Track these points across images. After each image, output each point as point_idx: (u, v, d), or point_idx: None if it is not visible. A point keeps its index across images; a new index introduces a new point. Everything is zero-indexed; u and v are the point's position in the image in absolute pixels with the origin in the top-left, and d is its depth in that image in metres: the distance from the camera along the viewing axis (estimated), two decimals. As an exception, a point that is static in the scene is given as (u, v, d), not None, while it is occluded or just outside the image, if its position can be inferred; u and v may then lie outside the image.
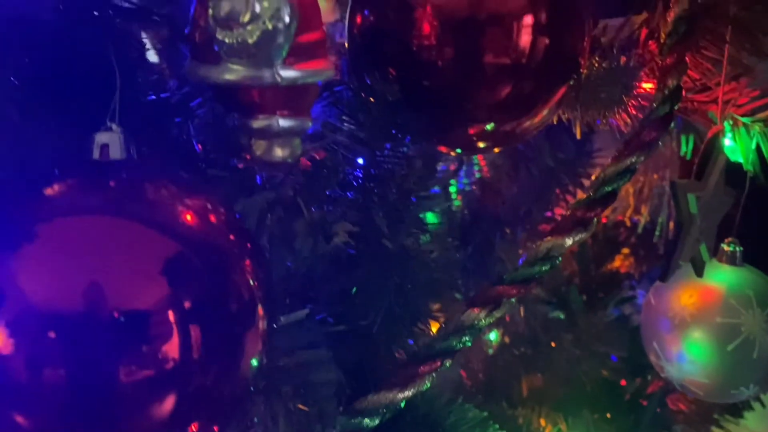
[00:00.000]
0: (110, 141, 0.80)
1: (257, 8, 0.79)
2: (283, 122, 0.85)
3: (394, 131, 1.03)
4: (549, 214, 1.55)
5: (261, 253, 0.82)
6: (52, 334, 0.73)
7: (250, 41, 0.79)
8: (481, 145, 1.14)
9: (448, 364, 1.02)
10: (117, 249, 0.74)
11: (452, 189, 1.52)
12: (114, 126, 0.82)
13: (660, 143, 1.06)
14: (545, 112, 1.08)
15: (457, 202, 1.48)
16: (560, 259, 1.03)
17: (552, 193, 1.52)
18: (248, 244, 0.81)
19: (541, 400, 1.46)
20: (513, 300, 1.03)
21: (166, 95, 0.84)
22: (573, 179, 1.50)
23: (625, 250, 1.61)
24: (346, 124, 0.99)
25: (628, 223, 1.59)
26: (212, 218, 0.79)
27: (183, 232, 0.77)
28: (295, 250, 0.85)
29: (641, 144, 1.07)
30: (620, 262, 1.63)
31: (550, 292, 1.53)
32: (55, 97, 0.82)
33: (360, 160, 1.00)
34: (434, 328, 1.06)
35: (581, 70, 1.08)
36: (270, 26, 0.79)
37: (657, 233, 1.53)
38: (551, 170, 1.49)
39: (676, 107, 1.08)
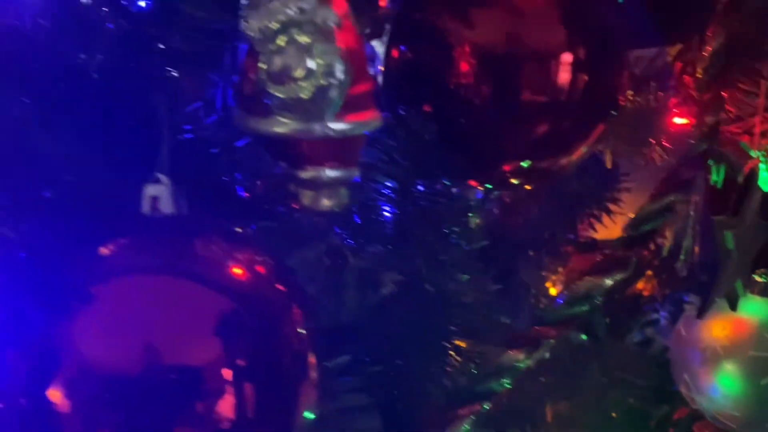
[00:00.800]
0: (160, 193, 0.82)
1: (311, 64, 0.81)
2: (331, 173, 0.87)
3: (430, 169, 1.04)
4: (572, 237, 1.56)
5: (310, 303, 0.84)
6: (108, 394, 0.74)
7: (304, 97, 0.81)
8: (514, 181, 1.15)
9: (486, 407, 1.03)
10: (170, 308, 0.76)
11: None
12: (163, 177, 0.83)
13: (699, 181, 1.08)
14: (583, 149, 1.09)
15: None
16: (600, 299, 1.05)
17: (576, 217, 1.53)
18: (297, 294, 0.83)
19: (565, 426, 1.48)
20: (552, 341, 1.05)
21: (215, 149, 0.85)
22: (599, 204, 1.52)
23: (648, 273, 1.62)
24: (381, 163, 1.01)
25: (652, 246, 1.60)
26: (262, 271, 0.81)
27: (235, 288, 0.79)
28: (343, 299, 0.87)
29: (679, 182, 1.09)
30: (643, 285, 1.65)
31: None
32: (103, 147, 0.84)
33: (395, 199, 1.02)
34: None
35: (619, 106, 1.09)
36: (324, 82, 0.81)
37: (682, 257, 1.54)
38: (576, 194, 1.51)
39: (713, 144, 1.10)
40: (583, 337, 1.53)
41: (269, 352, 0.78)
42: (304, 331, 0.79)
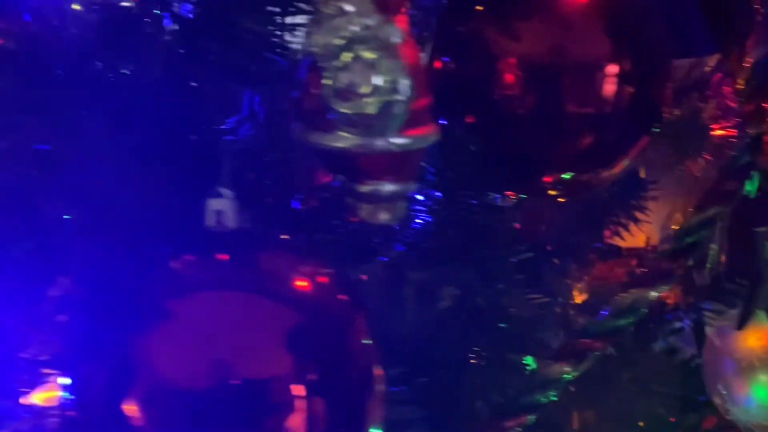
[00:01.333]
0: (224, 208, 0.84)
1: (377, 81, 0.82)
2: (390, 187, 0.89)
3: (474, 180, 1.06)
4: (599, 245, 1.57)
5: (372, 317, 0.85)
6: (180, 407, 0.76)
7: (369, 112, 0.82)
8: (552, 193, 1.17)
9: (532, 420, 1.05)
10: (241, 322, 0.78)
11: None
12: (226, 191, 0.85)
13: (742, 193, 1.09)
14: (625, 162, 1.11)
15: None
16: (645, 311, 1.07)
17: (603, 225, 1.54)
18: (360, 306, 0.85)
19: (592, 436, 1.49)
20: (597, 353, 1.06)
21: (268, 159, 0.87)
22: (626, 212, 1.53)
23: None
24: (429, 175, 1.02)
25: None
26: (326, 283, 0.82)
27: (302, 300, 0.80)
28: (402, 313, 0.88)
29: (723, 194, 1.11)
30: (666, 294, 1.66)
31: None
32: (166, 161, 0.85)
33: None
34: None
35: (662, 119, 1.11)
36: (389, 98, 0.82)
37: (708, 265, 1.56)
38: (602, 201, 1.52)
39: (756, 156, 1.11)
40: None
41: (339, 364, 0.79)
42: (370, 342, 0.81)
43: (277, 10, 0.87)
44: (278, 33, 0.87)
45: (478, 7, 1.10)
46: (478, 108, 1.09)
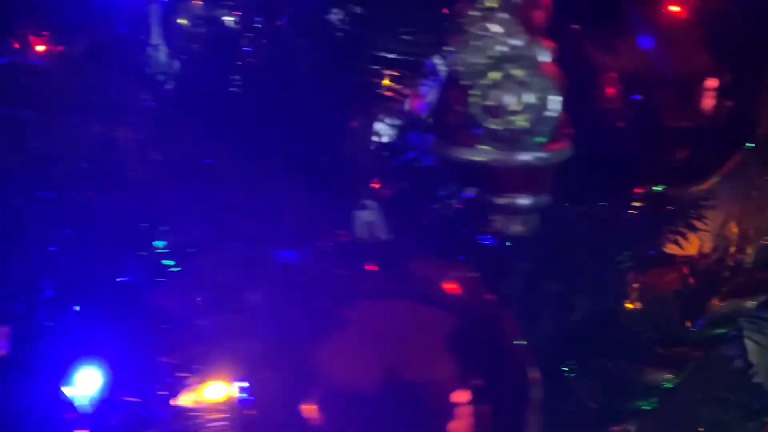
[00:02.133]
0: (373, 218, 0.89)
1: (529, 98, 0.87)
2: (525, 200, 0.94)
3: (575, 190, 1.11)
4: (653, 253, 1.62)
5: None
6: (357, 409, 0.81)
7: (518, 129, 0.87)
8: (636, 204, 1.22)
9: (634, 428, 1.10)
10: (409, 328, 0.83)
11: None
12: (371, 203, 0.90)
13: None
14: (715, 177, 1.16)
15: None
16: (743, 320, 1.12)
17: (661, 232, 1.59)
18: (511, 309, 0.90)
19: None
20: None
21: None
22: (684, 219, 1.58)
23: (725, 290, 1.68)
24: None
25: (731, 262, 1.67)
26: (479, 288, 0.87)
27: (459, 304, 0.85)
28: (538, 323, 0.93)
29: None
30: (720, 302, 1.71)
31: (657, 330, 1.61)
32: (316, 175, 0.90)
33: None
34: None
35: (757, 135, 1.16)
36: (539, 115, 0.88)
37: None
38: (661, 208, 1.57)
39: None
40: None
41: (500, 366, 0.84)
42: (524, 342, 0.86)
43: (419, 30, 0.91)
44: (420, 52, 0.91)
45: (574, 26, 1.15)
46: (576, 120, 1.13)
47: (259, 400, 0.82)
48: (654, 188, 1.20)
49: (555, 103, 0.88)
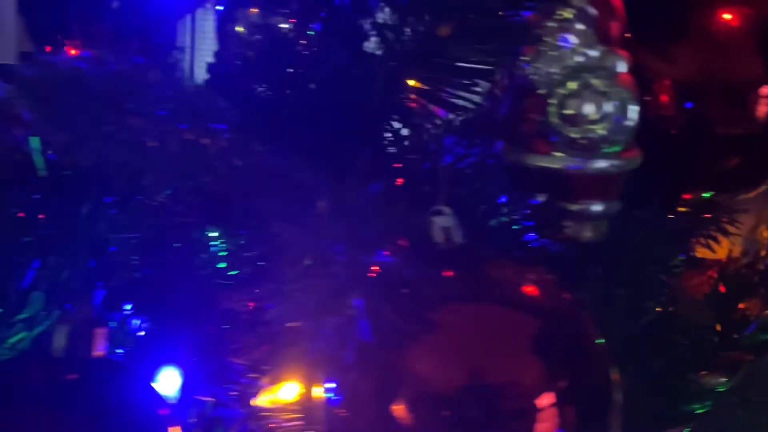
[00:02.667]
0: (449, 224, 0.91)
1: (608, 107, 0.90)
2: (597, 207, 0.97)
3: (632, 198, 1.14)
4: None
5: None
6: (444, 413, 0.84)
7: (596, 137, 0.91)
8: (681, 209, 1.25)
9: (688, 429, 1.13)
10: (494, 332, 0.86)
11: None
12: (446, 209, 0.93)
13: None
14: (764, 186, 1.19)
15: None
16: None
17: (692, 235, 1.62)
18: (587, 310, 0.93)
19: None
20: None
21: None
22: (716, 224, 1.61)
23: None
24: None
25: (761, 266, 1.70)
26: (560, 293, 0.90)
27: (540, 306, 0.88)
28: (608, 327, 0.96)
29: None
30: (744, 305, 1.74)
31: (684, 335, 1.64)
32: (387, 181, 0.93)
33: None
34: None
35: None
36: (618, 124, 0.91)
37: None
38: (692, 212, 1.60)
39: None
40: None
41: (584, 369, 0.87)
42: (603, 341, 0.88)
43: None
44: (494, 61, 0.94)
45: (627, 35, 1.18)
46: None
47: (346, 401, 0.85)
48: (703, 195, 1.22)
49: (633, 112, 0.91)
